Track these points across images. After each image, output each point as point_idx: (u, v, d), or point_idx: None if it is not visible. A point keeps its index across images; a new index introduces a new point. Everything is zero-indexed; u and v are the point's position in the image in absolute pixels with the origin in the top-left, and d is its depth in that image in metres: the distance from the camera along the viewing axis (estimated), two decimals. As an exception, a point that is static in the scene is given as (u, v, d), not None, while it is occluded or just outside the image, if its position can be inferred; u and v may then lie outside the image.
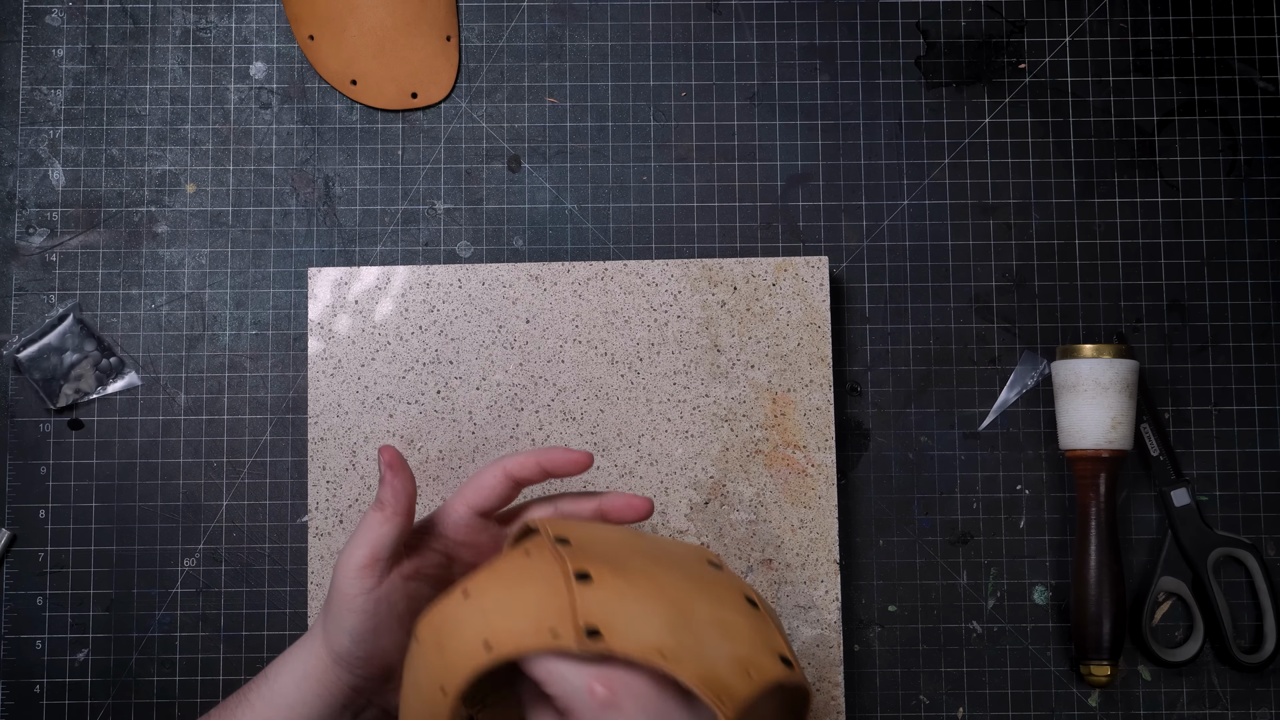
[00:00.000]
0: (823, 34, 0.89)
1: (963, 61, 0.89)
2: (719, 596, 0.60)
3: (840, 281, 0.87)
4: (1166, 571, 0.84)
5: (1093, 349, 0.82)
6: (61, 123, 0.87)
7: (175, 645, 0.84)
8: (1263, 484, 0.86)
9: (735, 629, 0.58)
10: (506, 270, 0.84)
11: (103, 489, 0.85)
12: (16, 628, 0.84)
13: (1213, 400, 0.86)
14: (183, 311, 0.86)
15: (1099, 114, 0.88)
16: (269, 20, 0.88)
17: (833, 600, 0.82)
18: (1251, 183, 0.88)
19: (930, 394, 0.86)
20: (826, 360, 0.83)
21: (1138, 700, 0.84)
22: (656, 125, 0.88)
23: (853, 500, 0.85)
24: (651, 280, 0.84)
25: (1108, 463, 0.82)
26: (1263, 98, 0.88)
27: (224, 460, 0.85)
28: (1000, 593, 0.85)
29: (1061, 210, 0.88)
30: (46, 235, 0.87)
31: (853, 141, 0.88)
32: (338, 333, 0.84)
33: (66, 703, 0.83)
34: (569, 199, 0.87)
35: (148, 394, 0.86)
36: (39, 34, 0.88)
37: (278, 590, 0.84)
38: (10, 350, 0.84)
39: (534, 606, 0.56)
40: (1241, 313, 0.87)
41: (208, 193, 0.87)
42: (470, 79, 0.88)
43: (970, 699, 0.84)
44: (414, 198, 0.87)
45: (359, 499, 0.83)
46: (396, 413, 0.83)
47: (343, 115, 0.88)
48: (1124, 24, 0.89)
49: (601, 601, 0.56)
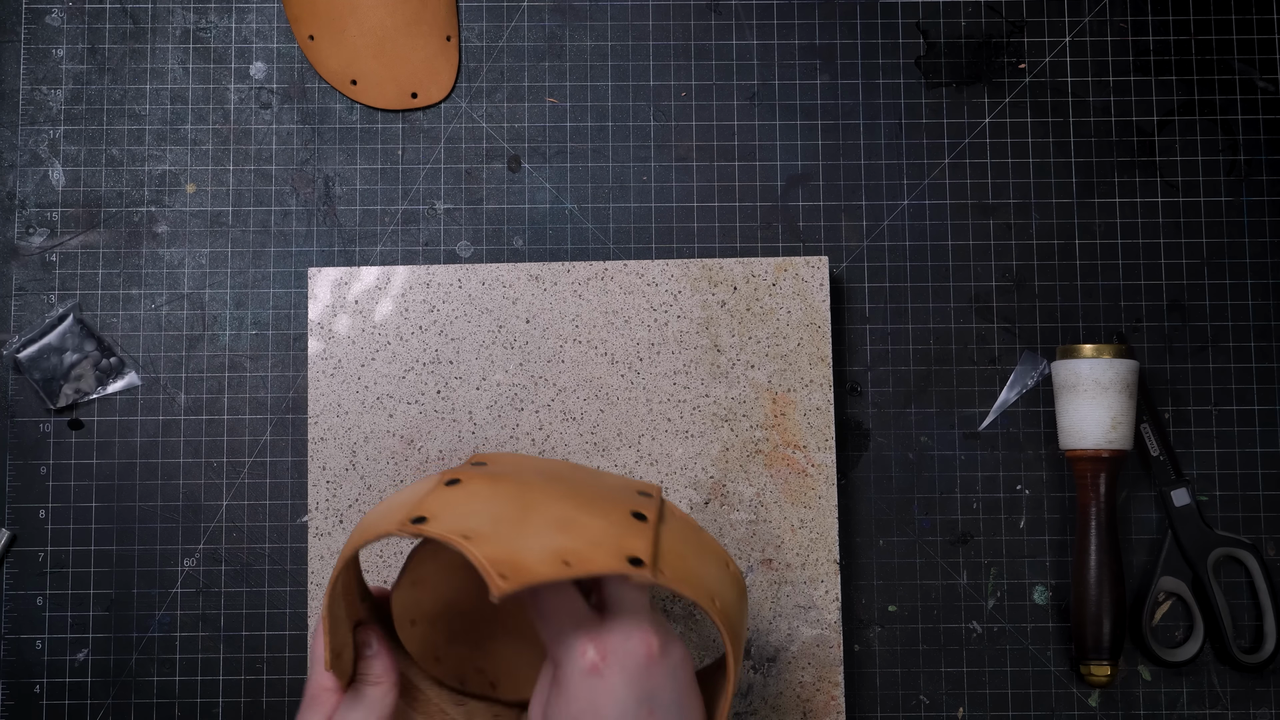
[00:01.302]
0: (823, 34, 0.89)
1: (963, 61, 0.89)
2: (592, 506, 0.63)
3: (840, 281, 0.87)
4: (1166, 571, 0.84)
5: (1093, 349, 0.82)
6: (61, 123, 0.87)
7: (175, 645, 0.84)
8: (1263, 484, 0.86)
9: (579, 528, 0.61)
10: (506, 270, 0.84)
11: (103, 489, 0.85)
12: (16, 628, 0.84)
13: (1213, 400, 0.86)
14: (183, 311, 0.86)
15: (1099, 114, 0.88)
16: (269, 20, 0.88)
17: (833, 600, 0.82)
18: (1251, 183, 0.88)
19: (930, 394, 0.86)
20: (826, 360, 0.83)
21: (1138, 700, 0.84)
22: (656, 125, 0.88)
23: (853, 500, 0.85)
24: (651, 280, 0.84)
25: (1108, 463, 0.82)
26: (1263, 98, 0.88)
27: (224, 460, 0.85)
28: (1000, 593, 0.85)
29: (1061, 210, 0.88)
30: (46, 235, 0.87)
31: (853, 141, 0.88)
32: (338, 333, 0.84)
33: (66, 703, 0.83)
34: (569, 199, 0.87)
35: (148, 394, 0.86)
36: (39, 34, 0.88)
37: (278, 590, 0.84)
38: (10, 350, 0.84)
39: (398, 503, 0.62)
40: (1241, 313, 0.87)
41: (208, 193, 0.87)
42: (470, 79, 0.88)
43: (970, 699, 0.84)
44: (414, 198, 0.87)
45: (359, 499, 0.83)
46: (396, 413, 0.83)
47: (343, 115, 0.88)
48: (1124, 24, 0.89)
49: (445, 498, 0.61)
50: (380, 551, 0.82)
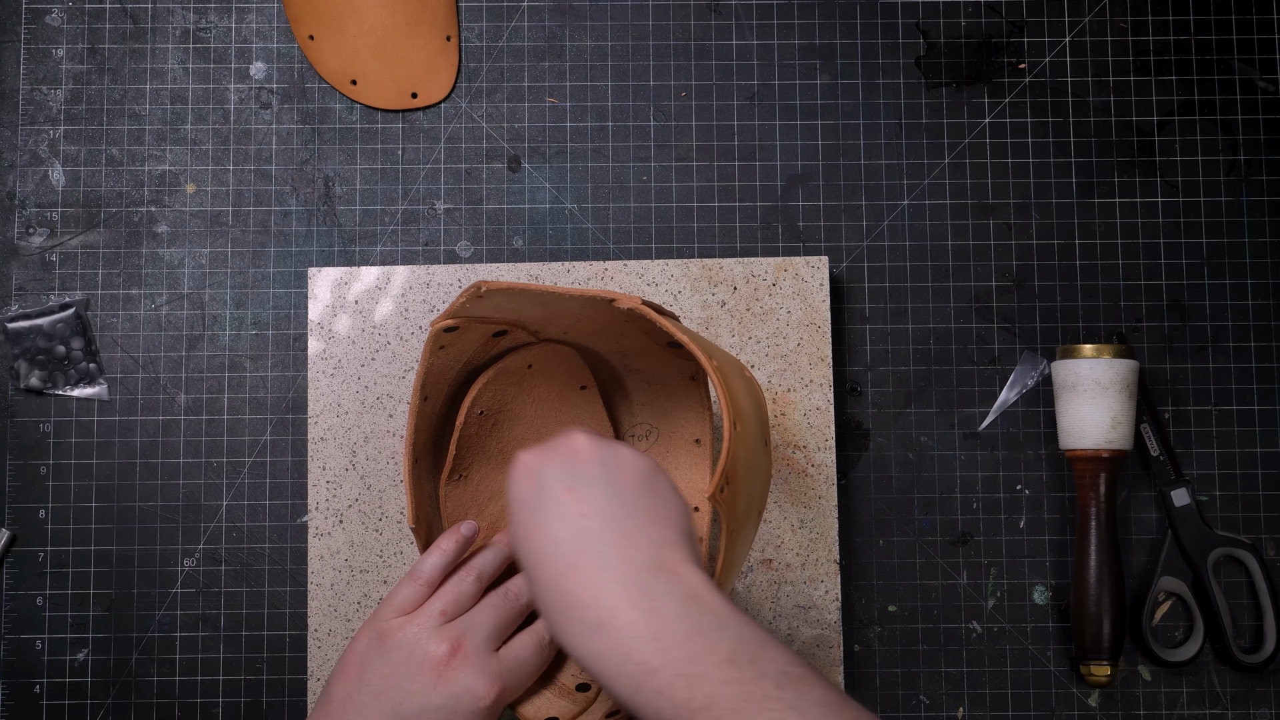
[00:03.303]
0: (823, 34, 0.89)
1: (963, 61, 0.89)
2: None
3: (840, 281, 0.87)
4: (1166, 571, 0.84)
5: (1093, 349, 0.82)
6: (61, 123, 0.87)
7: (175, 645, 0.84)
8: (1263, 484, 0.86)
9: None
10: (506, 270, 0.84)
11: (103, 489, 0.85)
12: (16, 628, 0.84)
13: (1213, 400, 0.86)
14: (183, 311, 0.86)
15: (1099, 114, 0.88)
16: (269, 20, 0.88)
17: (833, 600, 0.82)
18: (1251, 183, 0.88)
19: (930, 394, 0.86)
20: (826, 360, 0.83)
21: (1138, 700, 0.84)
22: (656, 125, 0.88)
23: (853, 500, 0.85)
24: (651, 280, 0.84)
25: (1108, 463, 0.82)
26: (1263, 98, 0.88)
27: (224, 460, 0.85)
28: (1000, 593, 0.85)
29: (1061, 210, 0.88)
30: (46, 235, 0.87)
31: (853, 141, 0.88)
32: (338, 333, 0.84)
33: (66, 703, 0.83)
34: (569, 199, 0.87)
35: (148, 394, 0.86)
36: (39, 34, 0.88)
37: (278, 590, 0.84)
38: (4, 316, 0.85)
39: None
40: (1241, 313, 0.87)
41: (208, 193, 0.87)
42: (470, 79, 0.88)
43: (970, 699, 0.84)
44: (414, 198, 0.87)
45: (359, 499, 0.83)
46: (396, 413, 0.83)
47: (343, 115, 0.88)
48: (1124, 24, 0.89)
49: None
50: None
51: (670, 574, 0.58)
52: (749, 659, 0.55)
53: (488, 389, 0.74)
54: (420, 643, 0.68)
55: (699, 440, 0.78)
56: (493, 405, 0.75)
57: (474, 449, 0.75)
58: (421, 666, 0.67)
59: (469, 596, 0.70)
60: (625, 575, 0.58)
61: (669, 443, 0.79)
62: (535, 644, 0.71)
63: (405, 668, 0.68)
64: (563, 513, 0.60)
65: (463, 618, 0.69)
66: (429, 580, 0.70)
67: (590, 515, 0.60)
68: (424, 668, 0.67)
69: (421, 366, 0.70)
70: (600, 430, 0.78)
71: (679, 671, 0.54)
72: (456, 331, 0.70)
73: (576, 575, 0.58)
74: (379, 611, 0.70)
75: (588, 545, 0.59)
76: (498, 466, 0.76)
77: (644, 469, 0.63)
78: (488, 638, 0.69)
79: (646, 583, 0.57)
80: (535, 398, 0.76)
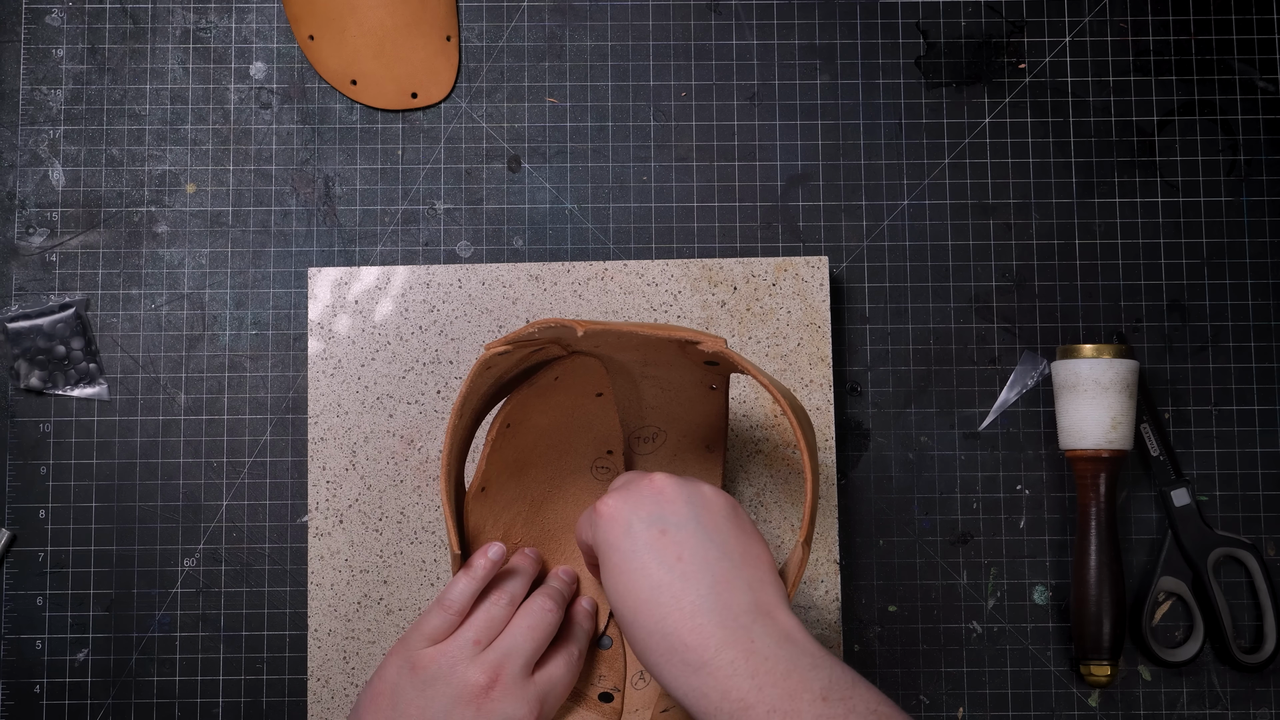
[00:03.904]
0: (823, 34, 0.89)
1: (963, 61, 0.89)
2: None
3: (840, 281, 0.87)
4: (1166, 571, 0.84)
5: (1093, 349, 0.82)
6: (61, 123, 0.87)
7: (175, 645, 0.84)
8: (1263, 484, 0.86)
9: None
10: (506, 270, 0.84)
11: (103, 489, 0.85)
12: (16, 628, 0.84)
13: (1213, 400, 0.86)
14: (183, 311, 0.86)
15: (1099, 114, 0.88)
16: (269, 20, 0.88)
17: (833, 600, 0.82)
18: (1251, 183, 0.88)
19: (930, 394, 0.86)
20: (826, 360, 0.83)
21: (1138, 700, 0.84)
22: (656, 125, 0.88)
23: (853, 500, 0.85)
24: (651, 280, 0.84)
25: (1108, 463, 0.82)
26: (1263, 98, 0.88)
27: (224, 460, 0.85)
28: (1000, 593, 0.85)
29: (1061, 210, 0.88)
30: (46, 235, 0.87)
31: (853, 141, 0.88)
32: (338, 333, 0.84)
33: (66, 703, 0.83)
34: (569, 199, 0.87)
35: (148, 394, 0.86)
36: (39, 34, 0.88)
37: (278, 590, 0.84)
38: (4, 316, 0.85)
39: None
40: (1241, 313, 0.87)
41: (208, 193, 0.87)
42: (470, 79, 0.88)
43: (970, 699, 0.84)
44: (414, 198, 0.87)
45: (359, 499, 0.83)
46: (396, 413, 0.83)
47: (343, 115, 0.88)
48: (1124, 24, 0.89)
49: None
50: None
51: (768, 617, 0.62)
52: (840, 696, 0.59)
53: (512, 400, 0.74)
54: (457, 673, 0.68)
55: (710, 446, 0.78)
56: (515, 417, 0.75)
57: (493, 461, 0.75)
58: (460, 697, 0.67)
59: (501, 621, 0.70)
60: (726, 619, 0.61)
61: (678, 446, 0.79)
62: (568, 662, 0.72)
63: (443, 700, 0.67)
64: (660, 558, 0.63)
65: (497, 643, 0.69)
66: (460, 609, 0.70)
67: (686, 558, 0.63)
68: (463, 699, 0.67)
69: (465, 387, 0.70)
70: (609, 434, 0.78)
71: (773, 707, 0.58)
72: (504, 354, 0.70)
73: (678, 618, 0.61)
74: (408, 639, 0.70)
75: (687, 588, 0.62)
76: (512, 475, 0.76)
77: (727, 507, 0.66)
78: (526, 664, 0.69)
79: (747, 625, 0.61)
80: (553, 406, 0.76)
